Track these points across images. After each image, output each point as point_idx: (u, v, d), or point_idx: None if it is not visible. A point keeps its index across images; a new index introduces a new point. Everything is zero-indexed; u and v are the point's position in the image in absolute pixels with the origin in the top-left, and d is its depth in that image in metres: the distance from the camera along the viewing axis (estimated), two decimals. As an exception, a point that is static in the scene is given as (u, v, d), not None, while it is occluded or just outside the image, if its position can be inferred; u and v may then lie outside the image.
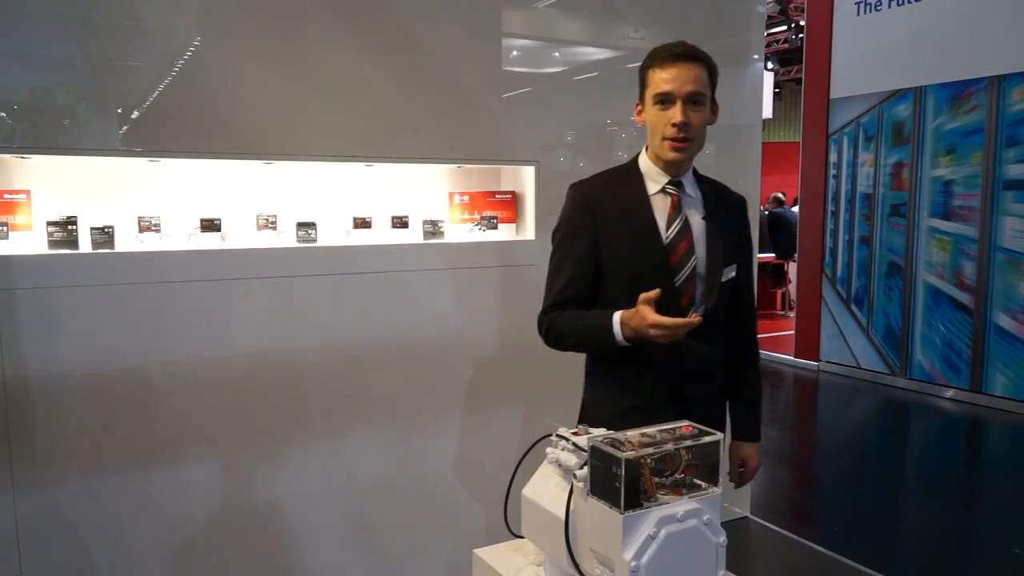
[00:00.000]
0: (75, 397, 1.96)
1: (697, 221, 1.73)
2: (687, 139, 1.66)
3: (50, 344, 1.93)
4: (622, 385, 1.75)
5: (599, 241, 1.73)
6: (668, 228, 1.71)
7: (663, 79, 1.65)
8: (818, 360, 6.61)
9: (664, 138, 1.67)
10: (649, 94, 1.69)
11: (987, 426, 5.20)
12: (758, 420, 1.92)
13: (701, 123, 1.67)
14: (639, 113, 1.74)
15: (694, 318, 1.55)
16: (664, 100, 1.65)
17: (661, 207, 1.73)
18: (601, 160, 2.72)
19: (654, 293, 1.54)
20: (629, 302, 1.60)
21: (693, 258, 1.70)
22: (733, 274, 1.77)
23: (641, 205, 1.73)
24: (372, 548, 2.41)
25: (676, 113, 1.63)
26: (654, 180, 1.74)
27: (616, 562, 1.04)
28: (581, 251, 1.74)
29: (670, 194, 1.73)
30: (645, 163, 1.76)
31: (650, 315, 1.53)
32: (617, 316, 1.61)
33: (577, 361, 1.77)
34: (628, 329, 1.59)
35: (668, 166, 1.71)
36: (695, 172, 1.79)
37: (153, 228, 2.18)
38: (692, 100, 1.64)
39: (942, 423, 5.43)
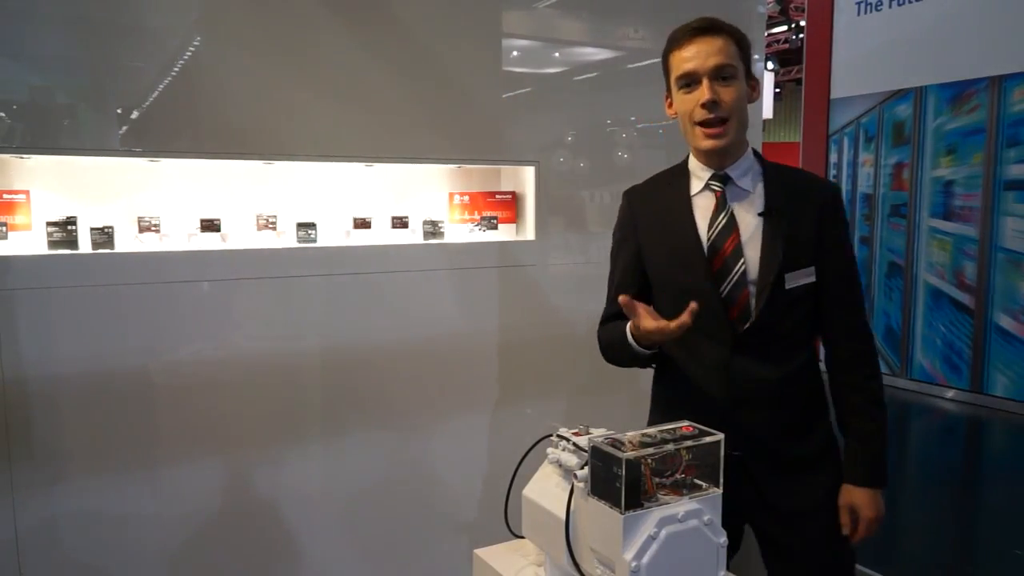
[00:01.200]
0: (74, 397, 1.96)
1: (751, 219, 1.50)
2: (721, 120, 1.45)
3: (49, 344, 1.92)
4: (671, 410, 1.56)
5: (640, 251, 1.59)
6: (709, 229, 1.51)
7: (683, 59, 1.46)
8: (819, 360, 6.61)
9: (695, 123, 1.47)
10: (673, 80, 1.51)
11: (988, 426, 5.20)
12: (874, 459, 1.56)
13: (735, 100, 1.45)
14: (669, 106, 1.56)
15: (684, 316, 1.34)
16: (689, 82, 1.47)
17: (705, 206, 1.53)
18: (601, 160, 2.73)
19: (624, 299, 1.39)
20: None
21: (741, 262, 1.48)
22: (811, 279, 1.50)
23: (681, 206, 1.54)
24: (372, 548, 2.40)
25: (703, 91, 1.44)
26: (699, 176, 1.55)
27: (617, 562, 1.03)
28: (625, 262, 1.62)
29: (714, 190, 1.53)
30: (692, 159, 1.58)
31: (642, 322, 1.39)
32: (629, 324, 1.48)
33: (577, 361, 1.75)
34: (638, 335, 1.45)
35: (710, 158, 1.52)
36: (761, 160, 1.56)
37: (153, 228, 2.18)
38: (720, 76, 1.44)
39: (943, 423, 5.43)
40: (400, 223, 2.50)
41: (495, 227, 2.62)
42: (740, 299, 1.49)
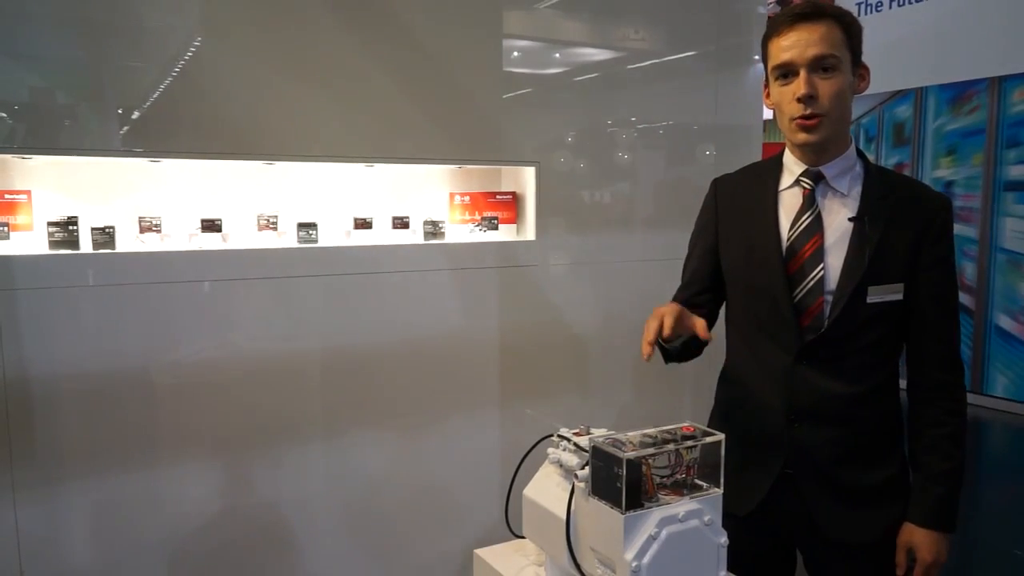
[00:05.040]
0: (75, 397, 1.96)
1: (840, 223, 1.40)
2: (817, 115, 1.34)
3: (50, 344, 1.92)
4: (728, 414, 1.52)
5: (718, 243, 1.52)
6: (790, 229, 1.42)
7: (782, 47, 1.35)
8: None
9: (791, 118, 1.37)
10: (770, 69, 1.40)
11: (988, 427, 5.20)
12: (941, 500, 1.43)
13: (835, 93, 1.34)
14: (767, 96, 1.46)
15: (700, 329, 1.25)
16: (786, 72, 1.36)
17: (791, 204, 1.44)
18: (601, 160, 2.73)
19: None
20: (747, 317, 1.41)
21: (820, 268, 1.38)
22: (896, 297, 1.39)
23: (766, 201, 1.45)
24: (372, 548, 2.41)
25: (800, 84, 1.33)
26: (791, 171, 1.45)
27: (617, 562, 1.04)
28: (700, 251, 1.56)
29: (803, 187, 1.43)
30: (787, 152, 1.48)
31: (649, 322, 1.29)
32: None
33: (578, 361, 1.75)
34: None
35: (805, 153, 1.43)
36: (865, 162, 1.45)
37: (154, 228, 2.18)
38: (820, 67, 1.33)
39: (943, 424, 5.42)
40: (401, 223, 2.50)
41: (495, 227, 2.62)
42: (813, 307, 1.39)
